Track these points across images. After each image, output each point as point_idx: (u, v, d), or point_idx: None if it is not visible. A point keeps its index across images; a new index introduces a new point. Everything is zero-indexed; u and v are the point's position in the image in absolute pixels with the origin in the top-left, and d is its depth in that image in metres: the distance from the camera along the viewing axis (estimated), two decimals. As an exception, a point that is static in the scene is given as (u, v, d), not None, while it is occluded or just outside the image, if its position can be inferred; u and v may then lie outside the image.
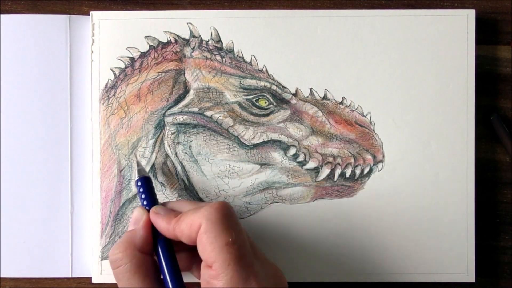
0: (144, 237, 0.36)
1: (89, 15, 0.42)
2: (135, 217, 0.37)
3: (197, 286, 0.43)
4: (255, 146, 0.42)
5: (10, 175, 0.43)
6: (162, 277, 0.35)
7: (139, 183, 0.39)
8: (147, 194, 0.38)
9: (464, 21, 0.42)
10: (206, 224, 0.32)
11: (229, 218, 0.33)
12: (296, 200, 0.42)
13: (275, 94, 0.42)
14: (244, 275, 0.32)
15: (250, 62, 0.42)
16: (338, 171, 0.42)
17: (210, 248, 0.32)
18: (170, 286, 0.34)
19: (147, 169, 0.42)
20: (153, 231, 0.36)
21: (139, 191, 0.39)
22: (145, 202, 0.38)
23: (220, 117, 0.42)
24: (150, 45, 0.43)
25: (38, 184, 0.43)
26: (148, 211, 0.37)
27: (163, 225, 0.35)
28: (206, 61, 0.42)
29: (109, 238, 0.42)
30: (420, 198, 0.42)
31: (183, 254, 0.37)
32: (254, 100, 0.42)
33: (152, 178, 0.42)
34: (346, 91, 0.42)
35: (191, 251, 0.37)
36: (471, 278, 0.42)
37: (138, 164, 0.41)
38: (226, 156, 0.42)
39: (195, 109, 0.42)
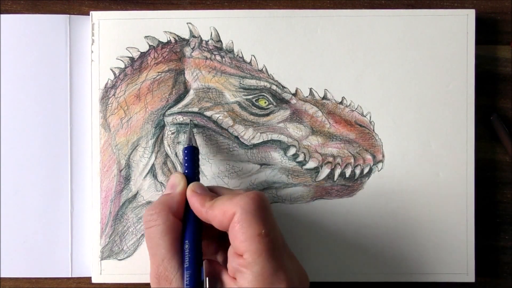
0: (179, 203, 0.36)
1: (89, 15, 0.43)
2: (173, 181, 0.37)
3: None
4: (255, 146, 0.42)
5: (10, 175, 0.43)
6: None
7: (186, 151, 0.38)
8: (190, 163, 0.38)
9: (464, 21, 0.42)
10: (240, 213, 0.33)
11: (264, 209, 0.33)
12: (296, 200, 0.42)
13: (275, 94, 0.42)
14: (275, 266, 0.32)
15: (250, 62, 0.42)
16: (338, 171, 0.42)
17: (243, 237, 0.32)
18: (188, 260, 0.34)
19: (147, 169, 0.42)
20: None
21: (184, 158, 0.38)
22: (186, 171, 0.38)
23: (220, 117, 0.42)
24: (150, 45, 0.43)
25: (38, 184, 0.43)
26: (187, 179, 0.37)
27: (197, 205, 0.35)
28: (206, 61, 0.42)
29: (109, 238, 0.42)
30: (420, 198, 0.42)
31: (210, 238, 0.38)
32: (254, 100, 0.42)
33: (152, 178, 0.42)
34: (346, 91, 0.42)
35: (216, 237, 0.37)
36: (471, 278, 0.42)
37: (190, 132, 0.40)
38: (226, 156, 0.42)
39: (195, 109, 0.42)
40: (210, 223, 0.35)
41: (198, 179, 0.38)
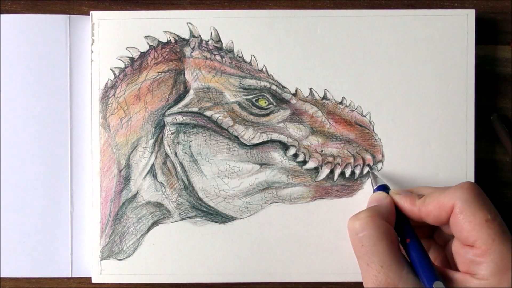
0: (390, 210, 0.36)
1: (89, 15, 0.43)
2: (377, 197, 0.37)
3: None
4: (255, 146, 0.42)
5: (10, 175, 0.43)
6: (407, 256, 0.34)
7: (380, 190, 0.39)
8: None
9: (464, 21, 0.42)
10: (461, 204, 0.32)
11: (482, 196, 0.33)
12: (296, 200, 0.42)
13: (275, 94, 0.42)
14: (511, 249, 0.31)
15: (250, 62, 0.42)
16: (337, 171, 0.42)
17: (470, 226, 0.32)
18: (420, 261, 0.33)
19: (147, 169, 0.42)
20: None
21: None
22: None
23: (220, 117, 0.42)
24: (149, 45, 0.43)
25: (38, 184, 0.43)
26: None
27: (407, 205, 0.35)
28: (206, 61, 0.43)
29: (109, 238, 0.42)
30: (420, 198, 0.42)
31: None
32: (254, 100, 0.42)
33: (152, 178, 0.42)
34: (345, 91, 0.42)
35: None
36: (471, 278, 0.42)
37: (373, 175, 0.41)
38: (226, 156, 0.42)
39: (195, 109, 0.42)
40: (423, 220, 0.35)
41: None
